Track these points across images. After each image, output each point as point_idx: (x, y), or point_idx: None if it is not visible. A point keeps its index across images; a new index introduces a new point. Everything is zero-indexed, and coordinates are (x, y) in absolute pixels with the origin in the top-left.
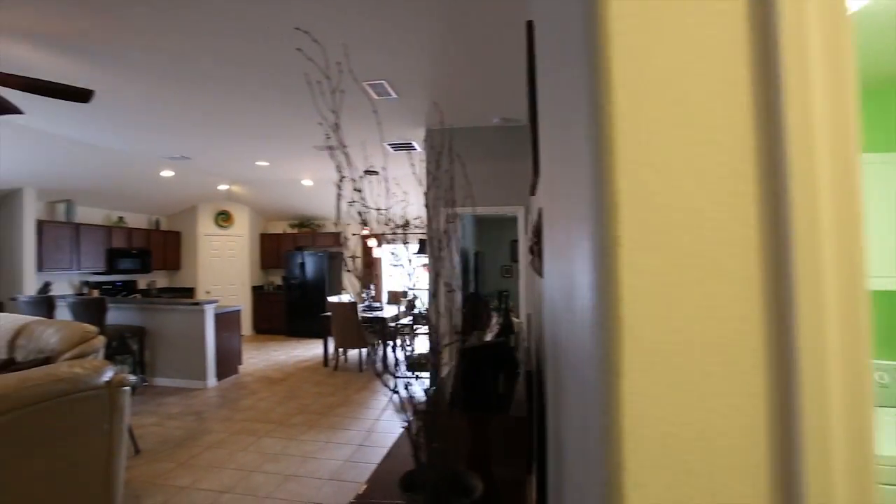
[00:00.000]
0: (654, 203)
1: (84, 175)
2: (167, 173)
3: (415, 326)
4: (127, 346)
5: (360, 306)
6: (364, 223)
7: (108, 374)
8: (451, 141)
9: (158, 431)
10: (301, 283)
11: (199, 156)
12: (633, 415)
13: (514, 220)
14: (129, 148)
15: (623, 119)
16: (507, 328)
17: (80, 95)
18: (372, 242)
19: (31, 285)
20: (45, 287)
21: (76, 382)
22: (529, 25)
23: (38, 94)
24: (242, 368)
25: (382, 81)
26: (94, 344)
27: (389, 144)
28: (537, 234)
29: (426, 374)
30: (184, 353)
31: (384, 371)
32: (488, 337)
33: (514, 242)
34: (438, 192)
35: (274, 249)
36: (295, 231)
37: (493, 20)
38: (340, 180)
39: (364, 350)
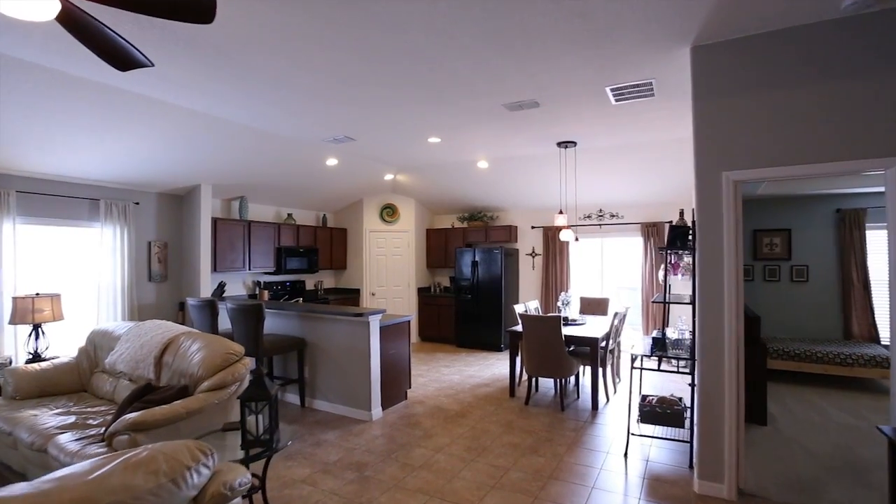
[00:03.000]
0: None
1: (254, 167)
2: (332, 161)
3: (658, 355)
4: (286, 374)
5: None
6: (560, 211)
7: (204, 475)
8: (745, 57)
9: (309, 498)
10: (472, 286)
11: (364, 135)
12: None
13: (769, 201)
14: (292, 130)
15: None
16: None
17: (201, 8)
18: (567, 235)
19: (206, 285)
20: (220, 287)
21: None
22: None
23: (154, 13)
24: (411, 393)
25: None
26: (238, 370)
27: (613, 90)
28: None
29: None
30: (345, 374)
31: None
32: None
33: (766, 233)
34: (716, 147)
35: (441, 247)
36: (464, 225)
37: None
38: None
39: (564, 380)
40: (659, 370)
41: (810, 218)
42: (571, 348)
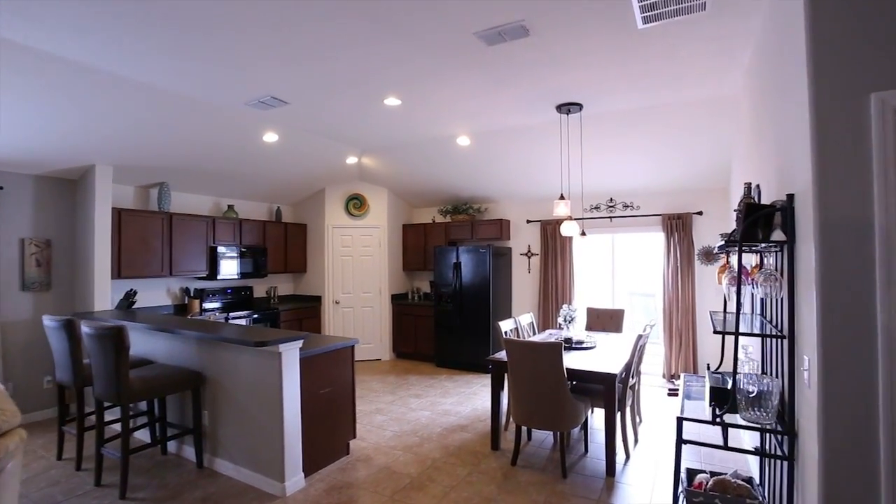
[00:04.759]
0: None
1: (172, 145)
2: (270, 137)
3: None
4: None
5: (536, 337)
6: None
7: None
8: None
9: None
10: (454, 293)
11: (300, 96)
12: None
13: None
14: (203, 89)
15: None
16: None
17: None
18: (570, 229)
19: (104, 294)
20: (128, 297)
21: None
22: None
23: None
24: (357, 443)
25: None
26: None
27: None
28: None
29: None
30: (252, 425)
31: None
32: None
33: None
34: (855, 51)
35: (420, 245)
36: (447, 219)
37: None
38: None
39: (564, 432)
40: (726, 448)
41: None
42: (573, 383)
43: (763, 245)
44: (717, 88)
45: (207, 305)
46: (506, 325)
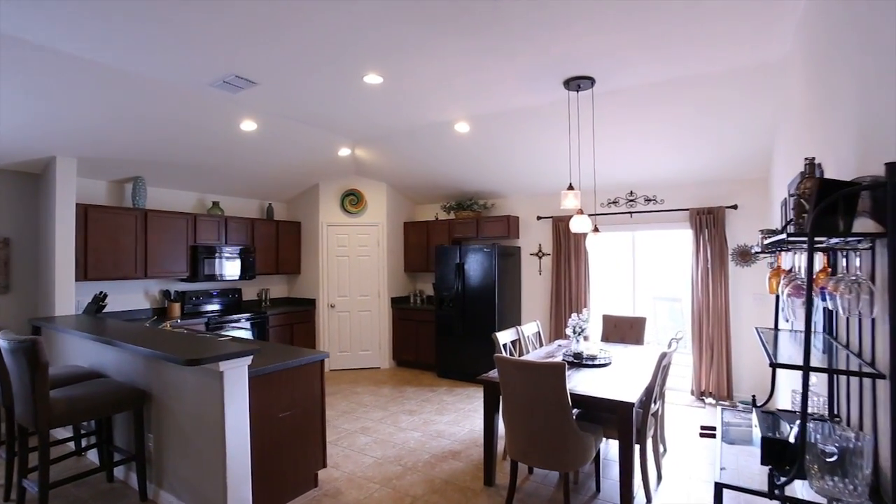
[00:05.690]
0: None
1: (143, 135)
2: (248, 126)
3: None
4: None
5: (541, 350)
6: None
7: None
8: None
9: None
10: (456, 296)
11: (269, 75)
12: None
13: None
14: (157, 68)
15: None
16: None
17: None
18: (580, 224)
19: (67, 297)
20: (97, 301)
21: None
22: None
23: None
24: (327, 474)
25: None
26: None
27: None
28: None
29: None
30: (198, 454)
31: None
32: None
33: None
34: None
35: (422, 245)
36: (450, 216)
37: None
38: None
39: (573, 471)
40: None
41: None
42: (577, 411)
43: (838, 240)
44: (756, 53)
45: (191, 309)
46: (504, 337)
